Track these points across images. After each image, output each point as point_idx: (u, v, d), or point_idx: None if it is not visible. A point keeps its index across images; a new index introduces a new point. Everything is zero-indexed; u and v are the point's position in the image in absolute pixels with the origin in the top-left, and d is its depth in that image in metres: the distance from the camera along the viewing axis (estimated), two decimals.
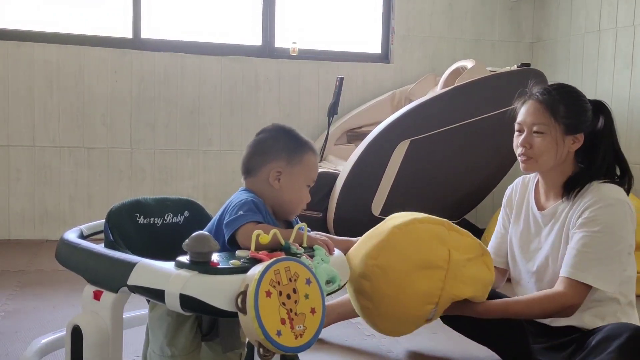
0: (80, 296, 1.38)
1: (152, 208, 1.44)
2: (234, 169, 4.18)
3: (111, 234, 1.38)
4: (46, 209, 3.87)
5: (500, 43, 4.65)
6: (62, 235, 1.47)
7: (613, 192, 1.67)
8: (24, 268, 3.18)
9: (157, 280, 1.16)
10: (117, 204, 1.42)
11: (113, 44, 3.96)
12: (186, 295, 1.11)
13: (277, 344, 1.09)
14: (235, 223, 1.32)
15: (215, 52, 4.11)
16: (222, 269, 1.15)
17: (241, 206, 1.36)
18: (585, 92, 1.78)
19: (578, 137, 1.70)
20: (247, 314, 1.08)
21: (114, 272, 1.24)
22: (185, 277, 1.12)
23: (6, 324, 2.34)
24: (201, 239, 1.16)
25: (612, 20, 3.96)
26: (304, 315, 1.14)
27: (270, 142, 1.47)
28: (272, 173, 1.44)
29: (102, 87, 3.92)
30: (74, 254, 1.35)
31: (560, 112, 1.67)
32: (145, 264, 1.20)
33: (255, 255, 1.19)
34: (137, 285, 1.19)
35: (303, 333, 1.13)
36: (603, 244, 1.61)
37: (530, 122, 1.70)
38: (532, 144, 1.70)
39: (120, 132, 3.97)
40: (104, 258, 1.29)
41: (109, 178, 3.97)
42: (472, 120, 3.46)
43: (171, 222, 1.45)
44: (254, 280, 1.10)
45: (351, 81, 4.30)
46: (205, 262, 1.16)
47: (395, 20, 4.43)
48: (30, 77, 3.81)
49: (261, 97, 4.20)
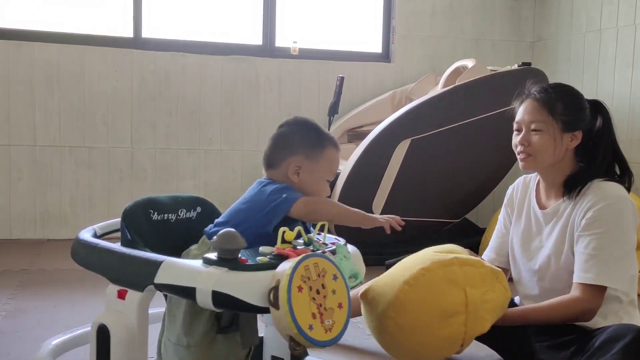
0: (80, 296, 1.38)
1: (165, 204, 1.45)
2: (234, 168, 4.18)
3: (128, 232, 1.38)
4: (47, 209, 3.87)
5: (500, 42, 4.65)
6: (78, 235, 1.46)
7: (614, 190, 1.67)
8: (25, 268, 3.19)
9: (186, 277, 1.17)
10: (132, 202, 1.42)
11: (114, 43, 3.96)
12: (218, 292, 1.12)
13: (309, 338, 1.11)
14: (288, 202, 1.35)
15: (216, 52, 4.11)
16: (252, 265, 1.17)
17: (281, 190, 1.39)
18: (586, 92, 1.79)
19: (576, 135, 1.71)
20: (279, 309, 1.10)
21: (139, 271, 1.25)
22: (216, 274, 1.14)
23: (7, 323, 2.34)
24: (229, 236, 1.17)
25: (612, 19, 3.95)
26: (332, 310, 1.17)
27: (290, 136, 1.48)
28: (292, 167, 1.45)
29: (103, 87, 3.93)
30: (94, 254, 1.35)
31: (557, 109, 1.68)
32: (172, 262, 1.21)
33: (281, 251, 1.21)
34: (164, 283, 1.20)
35: (332, 327, 1.16)
36: (612, 244, 1.61)
37: (528, 120, 1.71)
38: (530, 142, 1.70)
39: (121, 131, 3.97)
40: (128, 257, 1.29)
41: (109, 177, 3.97)
42: (473, 120, 3.46)
43: (184, 218, 1.46)
44: (286, 276, 1.11)
45: (352, 80, 4.30)
46: (233, 258, 1.17)
47: (396, 20, 4.43)
48: (31, 76, 3.81)
49: (262, 96, 4.20)
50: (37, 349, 1.67)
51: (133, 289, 1.25)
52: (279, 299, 1.10)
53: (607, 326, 1.57)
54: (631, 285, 1.70)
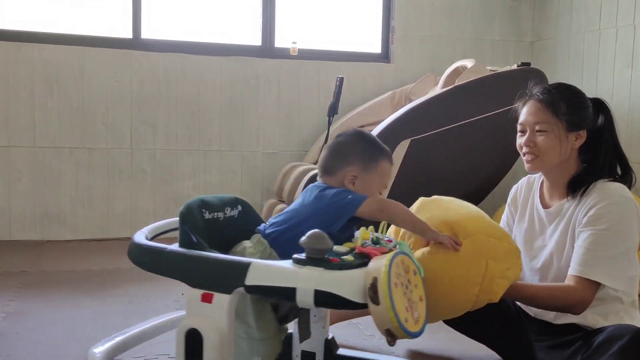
0: (81, 297, 1.38)
1: (214, 204, 1.47)
2: (234, 169, 4.18)
3: (193, 236, 1.38)
4: (47, 210, 3.87)
5: (500, 42, 4.65)
6: (139, 241, 1.44)
7: (618, 190, 1.67)
8: (26, 269, 3.19)
9: (282, 278, 1.21)
10: (185, 205, 1.42)
11: (113, 44, 3.96)
12: (321, 290, 1.16)
13: (407, 331, 1.17)
14: (357, 201, 1.42)
15: (215, 52, 4.11)
16: (345, 264, 1.21)
17: (345, 192, 1.45)
18: (585, 91, 1.79)
19: (581, 134, 1.71)
20: (380, 304, 1.14)
21: (227, 275, 1.26)
22: (316, 274, 1.18)
23: (7, 325, 2.34)
24: (319, 237, 1.21)
25: (612, 19, 3.96)
26: (417, 303, 1.24)
27: (349, 146, 1.54)
28: (348, 176, 1.50)
29: (102, 88, 3.92)
30: (173, 260, 1.35)
31: (561, 109, 1.69)
32: (260, 263, 1.25)
33: (362, 250, 1.26)
34: (256, 285, 1.22)
35: (418, 319, 1.23)
36: (610, 241, 1.61)
37: (533, 122, 1.71)
38: (535, 143, 1.71)
39: (121, 132, 3.97)
40: (214, 261, 1.30)
41: (109, 178, 3.97)
42: (473, 120, 3.46)
43: (230, 216, 1.49)
44: (384, 273, 1.16)
45: (351, 81, 4.30)
46: (323, 259, 1.21)
47: (395, 20, 4.43)
48: (31, 77, 3.81)
49: (261, 97, 4.20)
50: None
51: (220, 292, 1.26)
52: (380, 294, 1.14)
53: (607, 326, 1.57)
54: (632, 286, 1.70)
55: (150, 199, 4.05)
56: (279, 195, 3.88)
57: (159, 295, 2.79)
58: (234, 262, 1.28)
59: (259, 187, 4.22)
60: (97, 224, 3.96)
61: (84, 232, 3.94)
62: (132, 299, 2.72)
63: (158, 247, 1.38)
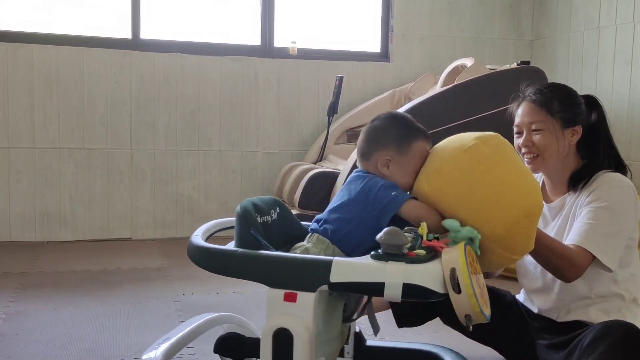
0: (81, 298, 1.37)
1: (262, 207, 1.47)
2: (234, 169, 4.18)
3: (260, 238, 1.39)
4: (47, 211, 3.87)
5: (499, 41, 4.65)
6: (204, 245, 1.43)
7: (619, 176, 1.71)
8: (25, 270, 3.18)
9: (369, 274, 1.24)
10: (242, 207, 1.41)
11: (112, 45, 3.96)
12: (410, 284, 1.21)
13: (485, 315, 1.25)
14: (398, 201, 1.41)
15: (215, 52, 4.11)
16: (424, 257, 1.25)
17: (389, 187, 1.44)
18: (585, 89, 1.81)
19: (576, 129, 1.74)
20: (462, 292, 1.21)
21: (311, 273, 1.29)
22: (403, 268, 1.22)
23: (7, 326, 2.34)
24: (396, 233, 1.26)
25: (611, 17, 3.95)
26: (483, 288, 1.30)
27: (381, 130, 1.53)
28: (382, 160, 1.49)
29: (101, 88, 3.92)
30: (247, 262, 1.36)
31: (554, 107, 1.71)
32: (342, 261, 1.28)
33: (428, 243, 1.30)
34: (341, 281, 1.26)
35: (487, 303, 1.30)
36: (608, 219, 1.63)
37: (528, 122, 1.74)
38: (533, 142, 1.73)
39: (120, 133, 3.97)
40: (296, 261, 1.35)
41: (109, 179, 3.97)
42: (473, 119, 3.46)
43: (275, 218, 1.51)
44: (462, 263, 1.22)
45: (351, 80, 4.30)
46: (400, 254, 1.25)
47: (395, 19, 4.43)
48: (30, 78, 3.81)
49: (261, 96, 4.20)
50: None
51: (304, 291, 1.29)
52: (461, 283, 1.21)
53: (598, 324, 1.57)
54: (633, 284, 1.70)
55: (150, 200, 4.05)
56: (279, 195, 3.88)
57: (159, 296, 2.79)
58: (317, 261, 1.31)
59: (259, 187, 4.22)
60: (97, 224, 3.96)
61: (84, 233, 3.94)
62: (132, 299, 2.72)
63: (230, 250, 1.39)
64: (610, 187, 1.67)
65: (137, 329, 2.33)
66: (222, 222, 1.64)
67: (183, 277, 3.04)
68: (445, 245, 1.31)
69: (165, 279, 3.07)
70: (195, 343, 1.87)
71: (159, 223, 4.07)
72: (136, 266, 3.32)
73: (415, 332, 2.05)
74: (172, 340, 1.60)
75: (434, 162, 1.47)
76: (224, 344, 1.62)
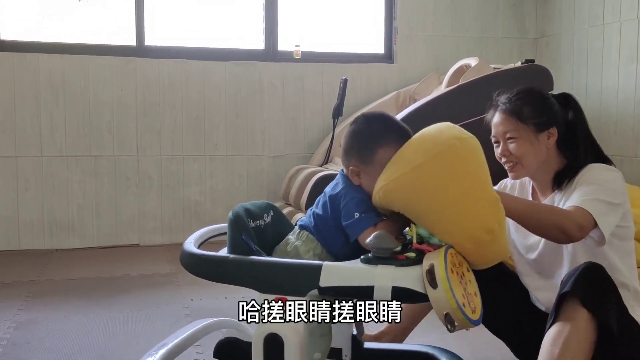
0: (90, 305, 1.37)
1: (255, 212, 1.48)
2: (240, 173, 4.19)
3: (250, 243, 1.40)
4: (55, 218, 3.89)
5: (503, 40, 4.64)
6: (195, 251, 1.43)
7: (604, 165, 1.72)
8: (35, 278, 3.20)
9: (358, 278, 1.25)
10: (234, 213, 1.42)
11: (117, 52, 3.98)
12: (398, 287, 1.22)
13: (465, 315, 1.20)
14: (357, 229, 1.39)
15: (219, 57, 4.13)
16: (412, 260, 1.26)
17: (355, 207, 1.40)
18: (590, 87, 1.81)
19: (551, 132, 1.74)
20: (437, 288, 1.19)
21: (300, 278, 1.30)
22: (391, 271, 1.23)
23: (19, 334, 2.35)
24: (385, 237, 1.27)
25: (615, 13, 3.94)
26: (472, 295, 1.27)
27: (348, 139, 1.47)
28: (352, 171, 1.45)
29: (107, 96, 3.94)
30: (238, 268, 1.37)
31: (525, 114, 1.72)
32: (331, 265, 1.29)
33: (418, 246, 1.30)
34: (331, 286, 1.26)
35: (475, 310, 1.26)
36: (601, 192, 1.62)
37: (502, 132, 1.76)
38: (510, 151, 1.74)
39: (127, 139, 3.99)
40: (285, 266, 1.35)
41: (116, 185, 3.98)
42: (478, 118, 3.44)
43: (267, 222, 1.51)
44: (440, 258, 1.22)
45: (355, 82, 4.30)
46: (390, 257, 1.26)
47: (398, 20, 4.43)
48: (37, 87, 3.83)
49: (266, 100, 4.21)
50: None
51: (294, 296, 1.29)
52: (437, 277, 1.19)
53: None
54: (631, 272, 1.71)
55: (157, 205, 4.06)
56: (286, 198, 3.88)
57: (168, 302, 2.80)
58: (306, 266, 1.32)
59: (266, 190, 4.23)
60: (104, 231, 3.98)
61: (92, 240, 3.96)
62: (141, 305, 2.73)
63: (221, 256, 1.39)
64: (598, 170, 1.68)
65: (147, 335, 2.34)
66: (215, 228, 1.65)
67: (191, 283, 3.05)
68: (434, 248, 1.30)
69: (174, 284, 3.08)
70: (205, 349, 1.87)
71: (167, 228, 4.08)
72: (145, 272, 3.33)
73: (423, 334, 2.05)
74: (169, 346, 1.61)
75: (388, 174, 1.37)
76: (223, 348, 1.64)
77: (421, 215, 1.34)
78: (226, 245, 1.44)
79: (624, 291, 1.68)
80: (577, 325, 1.46)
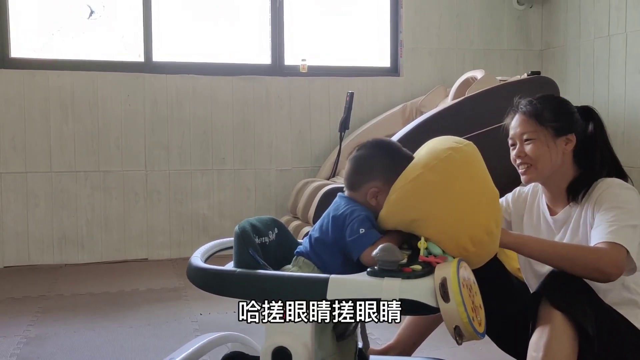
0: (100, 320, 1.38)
1: (260, 228, 1.50)
2: (248, 187, 4.20)
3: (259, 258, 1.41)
4: (64, 234, 3.91)
5: (509, 52, 4.65)
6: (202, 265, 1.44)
7: (619, 181, 1.71)
8: (44, 293, 3.21)
9: (365, 291, 1.26)
10: (240, 228, 1.44)
11: (125, 68, 4.02)
12: (406, 299, 1.23)
13: (474, 328, 1.22)
14: (361, 245, 1.41)
15: (226, 72, 4.16)
16: (418, 272, 1.27)
17: (361, 223, 1.43)
18: (597, 98, 1.82)
19: (570, 138, 1.74)
20: (450, 302, 1.20)
21: (307, 291, 1.31)
22: (398, 284, 1.24)
23: (28, 350, 2.36)
24: (391, 249, 1.28)
25: (621, 25, 3.95)
26: (478, 308, 1.29)
27: (369, 161, 1.52)
28: (371, 192, 1.49)
29: (115, 111, 3.98)
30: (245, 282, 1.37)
31: (545, 116, 1.73)
32: (337, 278, 1.30)
33: (425, 259, 1.32)
34: (337, 299, 1.27)
35: (481, 323, 1.29)
36: (625, 217, 1.59)
37: (520, 133, 1.76)
38: (526, 153, 1.75)
39: (135, 154, 4.01)
40: (292, 280, 1.36)
41: (125, 200, 4.00)
42: (484, 131, 3.45)
43: (273, 239, 1.53)
44: (453, 273, 1.23)
45: (361, 95, 4.31)
46: (397, 270, 1.27)
47: (403, 34, 4.45)
48: (46, 104, 3.87)
49: (273, 114, 4.23)
50: None
51: None
52: (449, 292, 1.21)
53: None
54: None
55: (165, 220, 4.08)
56: (293, 212, 3.89)
57: (177, 316, 2.80)
58: (314, 279, 1.33)
59: (273, 204, 4.24)
60: (113, 246, 3.99)
61: (101, 255, 3.97)
62: (150, 320, 2.74)
63: (228, 270, 1.40)
64: (615, 189, 1.66)
65: (156, 350, 2.34)
66: (221, 243, 1.66)
67: (200, 297, 3.05)
68: (441, 261, 1.31)
69: (182, 299, 3.08)
70: None
71: (175, 243, 4.09)
72: (153, 287, 3.34)
73: (432, 347, 2.04)
74: None
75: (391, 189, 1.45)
76: None
77: (423, 222, 1.38)
78: (232, 260, 1.45)
79: (633, 308, 1.66)
80: (554, 328, 1.47)
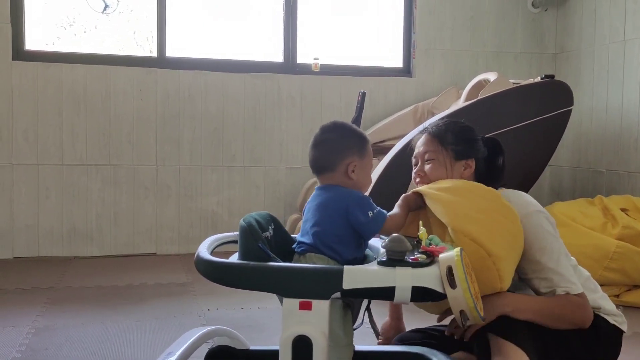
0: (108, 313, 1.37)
1: (262, 223, 1.53)
2: (257, 184, 4.21)
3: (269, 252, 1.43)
4: (74, 226, 3.93)
5: (522, 55, 4.63)
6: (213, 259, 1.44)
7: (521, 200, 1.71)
8: (53, 285, 3.23)
9: (380, 279, 1.32)
10: (247, 221, 1.46)
11: (138, 63, 4.03)
12: (418, 287, 1.30)
13: (478, 312, 1.30)
14: (378, 223, 1.51)
15: (238, 69, 4.16)
16: (426, 262, 1.33)
17: (370, 204, 1.52)
18: (611, 103, 1.80)
19: (469, 163, 1.78)
20: (456, 287, 1.28)
21: (324, 282, 1.35)
22: (410, 272, 1.31)
23: (37, 341, 2.38)
24: (400, 240, 1.34)
25: (637, 29, 3.91)
26: (478, 293, 1.36)
27: (341, 140, 1.62)
28: (350, 166, 1.58)
29: (127, 106, 3.99)
30: (260, 274, 1.40)
31: (447, 139, 1.79)
32: (352, 269, 1.34)
33: (427, 248, 1.38)
34: (353, 288, 1.32)
35: (481, 308, 1.36)
36: (556, 248, 1.64)
37: (422, 152, 1.81)
38: (425, 172, 1.79)
39: (146, 149, 4.03)
40: (309, 271, 1.39)
41: (135, 195, 4.02)
42: (496, 133, 3.44)
43: (273, 233, 1.57)
44: (457, 261, 1.29)
45: (373, 95, 4.31)
46: (404, 259, 1.33)
47: (417, 34, 4.44)
48: (59, 97, 3.89)
49: (284, 113, 4.23)
50: None
51: (319, 299, 1.34)
52: (456, 278, 1.28)
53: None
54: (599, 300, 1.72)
55: (175, 215, 4.09)
56: (302, 210, 3.88)
57: (184, 311, 2.81)
58: (329, 270, 1.37)
59: (282, 202, 4.24)
60: (123, 240, 4.01)
61: (110, 249, 3.99)
62: (158, 314, 2.74)
63: (243, 263, 1.42)
64: (532, 220, 1.64)
65: (164, 344, 2.34)
66: (224, 236, 1.68)
67: (207, 292, 3.06)
68: (442, 251, 1.37)
69: (190, 294, 3.09)
70: None
71: (184, 238, 4.10)
72: (161, 281, 3.35)
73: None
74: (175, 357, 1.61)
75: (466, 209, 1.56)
76: (214, 357, 1.64)
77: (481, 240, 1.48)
78: (230, 255, 1.47)
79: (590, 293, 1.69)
80: (505, 355, 1.49)
